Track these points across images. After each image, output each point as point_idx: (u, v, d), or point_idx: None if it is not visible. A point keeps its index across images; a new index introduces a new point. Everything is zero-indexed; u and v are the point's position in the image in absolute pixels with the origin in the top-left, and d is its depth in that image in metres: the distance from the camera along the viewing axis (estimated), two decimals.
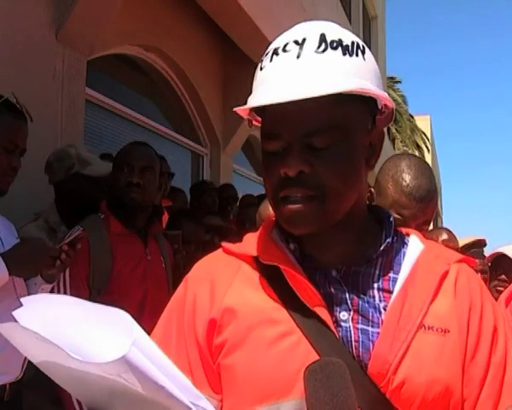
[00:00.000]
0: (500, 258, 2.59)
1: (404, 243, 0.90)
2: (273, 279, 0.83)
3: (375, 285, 0.84)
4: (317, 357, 0.77)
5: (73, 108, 3.25)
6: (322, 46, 0.79)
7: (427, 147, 22.39)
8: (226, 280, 0.86)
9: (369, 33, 12.43)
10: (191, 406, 0.63)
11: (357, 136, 0.82)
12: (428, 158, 21.91)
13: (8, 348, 0.75)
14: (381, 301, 0.82)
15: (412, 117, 21.79)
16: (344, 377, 0.74)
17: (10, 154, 1.73)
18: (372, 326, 0.80)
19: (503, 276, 2.58)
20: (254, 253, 0.87)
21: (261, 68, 0.83)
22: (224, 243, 0.93)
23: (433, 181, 1.55)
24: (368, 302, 0.82)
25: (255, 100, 0.81)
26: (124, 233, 2.16)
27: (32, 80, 2.89)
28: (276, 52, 0.81)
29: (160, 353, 0.64)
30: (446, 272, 0.85)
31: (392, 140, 18.98)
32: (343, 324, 0.81)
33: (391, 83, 19.77)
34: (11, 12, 2.80)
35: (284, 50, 0.80)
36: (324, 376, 0.74)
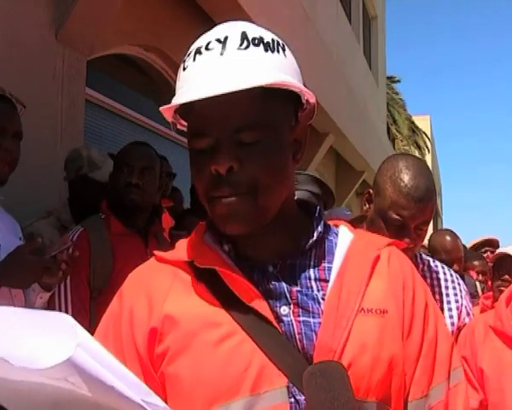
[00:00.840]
0: (503, 258, 2.59)
1: (334, 234, 0.92)
2: (210, 283, 0.83)
3: (312, 276, 0.85)
4: (263, 355, 0.78)
5: (73, 108, 3.25)
6: (245, 43, 0.80)
7: (427, 147, 22.37)
8: (163, 288, 0.85)
9: (369, 33, 12.43)
10: (142, 403, 0.61)
11: (284, 131, 0.83)
12: (428, 158, 21.90)
13: None
14: (318, 290, 0.84)
15: (412, 117, 21.77)
16: (344, 380, 0.75)
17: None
18: (313, 317, 0.81)
19: (507, 276, 2.58)
20: (188, 258, 0.87)
21: (184, 68, 0.83)
22: (156, 252, 0.93)
23: (431, 181, 1.54)
24: (306, 294, 0.83)
25: (179, 98, 0.81)
26: (124, 233, 2.16)
27: (31, 80, 2.90)
28: (198, 51, 0.81)
29: (106, 353, 0.62)
30: (378, 257, 0.88)
31: (392, 140, 18.96)
32: (284, 318, 0.81)
33: (390, 83, 19.75)
34: (11, 12, 2.80)
35: (207, 49, 0.80)
36: (324, 379, 0.74)
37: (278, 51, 0.82)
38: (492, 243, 4.53)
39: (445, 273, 1.70)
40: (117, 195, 2.17)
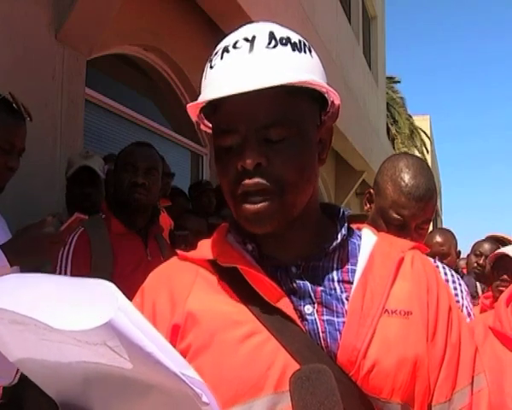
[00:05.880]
0: (502, 258, 2.60)
1: (357, 237, 0.92)
2: (233, 281, 0.83)
3: (335, 278, 0.85)
4: (286, 353, 0.77)
5: (73, 108, 3.25)
6: (273, 42, 0.81)
7: (426, 147, 22.37)
8: (186, 285, 0.85)
9: (368, 33, 12.43)
10: (180, 375, 0.59)
11: (310, 130, 0.84)
12: (428, 158, 21.89)
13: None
14: (342, 292, 0.84)
15: (412, 117, 21.77)
16: (330, 384, 0.74)
17: (7, 154, 1.71)
18: (337, 316, 0.81)
19: (505, 276, 2.59)
20: (211, 256, 0.87)
21: (211, 67, 0.83)
22: (178, 251, 0.93)
23: (431, 180, 1.55)
24: (330, 294, 0.83)
25: (207, 95, 0.81)
26: (125, 233, 2.17)
27: (31, 80, 2.89)
28: (226, 50, 0.82)
29: (145, 321, 0.61)
30: (402, 259, 0.88)
31: (392, 140, 18.96)
32: (308, 317, 0.81)
33: (390, 83, 19.74)
34: (11, 12, 2.80)
35: (235, 47, 0.81)
36: (311, 383, 0.73)
37: (305, 52, 0.83)
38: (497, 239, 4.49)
39: (445, 274, 1.70)
40: (121, 194, 2.18)
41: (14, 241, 1.63)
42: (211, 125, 0.89)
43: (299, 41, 0.83)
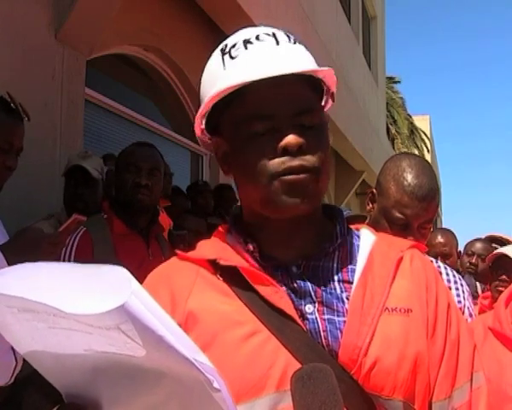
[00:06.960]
0: (501, 258, 2.60)
1: (356, 237, 0.93)
2: (233, 281, 0.83)
3: (335, 277, 0.85)
4: (287, 352, 0.78)
5: (73, 108, 3.25)
6: (292, 39, 0.86)
7: (426, 147, 22.39)
8: (186, 285, 0.85)
9: (368, 33, 12.43)
10: (193, 360, 0.59)
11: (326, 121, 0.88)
12: (428, 158, 21.85)
13: None
14: (342, 291, 0.84)
15: (411, 117, 21.79)
16: (331, 383, 0.74)
17: (5, 153, 1.71)
18: (338, 316, 0.82)
19: (504, 276, 2.59)
20: (212, 256, 0.87)
21: (232, 57, 0.84)
22: (178, 251, 0.93)
23: (434, 179, 1.55)
24: (330, 294, 0.83)
25: (240, 78, 0.80)
26: (126, 233, 2.17)
27: (31, 80, 2.89)
28: (248, 42, 0.84)
29: (158, 306, 0.61)
30: (401, 258, 0.89)
31: (392, 140, 18.97)
32: (309, 316, 0.82)
33: (390, 83, 19.75)
34: (11, 12, 2.80)
35: (258, 39, 0.84)
36: (311, 383, 0.73)
37: (310, 53, 0.88)
38: (496, 240, 4.49)
39: (447, 274, 1.70)
40: (124, 195, 2.17)
41: (13, 242, 1.64)
42: (207, 123, 0.90)
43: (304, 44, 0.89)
